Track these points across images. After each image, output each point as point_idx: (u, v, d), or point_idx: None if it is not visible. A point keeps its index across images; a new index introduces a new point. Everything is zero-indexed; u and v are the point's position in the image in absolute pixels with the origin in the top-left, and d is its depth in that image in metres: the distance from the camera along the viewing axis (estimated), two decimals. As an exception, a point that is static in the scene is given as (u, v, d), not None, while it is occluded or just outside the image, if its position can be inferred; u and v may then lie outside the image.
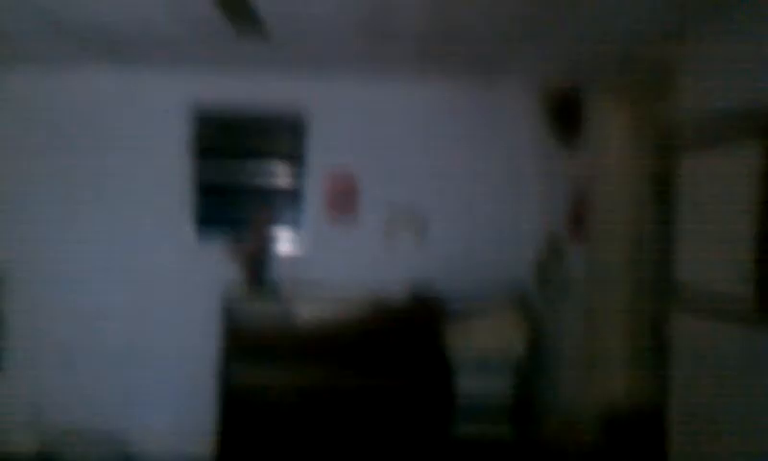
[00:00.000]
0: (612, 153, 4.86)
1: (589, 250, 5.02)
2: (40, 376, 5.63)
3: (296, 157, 5.91)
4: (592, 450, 4.41)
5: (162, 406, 5.78)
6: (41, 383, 5.62)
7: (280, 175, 5.95)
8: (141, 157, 5.76)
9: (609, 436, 4.35)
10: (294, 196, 5.94)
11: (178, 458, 5.38)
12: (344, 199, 5.89)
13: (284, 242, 5.87)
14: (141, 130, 5.76)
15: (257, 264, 5.53)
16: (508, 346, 5.56)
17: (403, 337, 5.47)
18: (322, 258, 5.83)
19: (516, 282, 5.86)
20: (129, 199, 5.76)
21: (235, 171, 5.90)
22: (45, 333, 5.66)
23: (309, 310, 5.38)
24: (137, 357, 5.77)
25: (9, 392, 5.53)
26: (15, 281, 5.51)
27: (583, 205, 5.16)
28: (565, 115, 5.38)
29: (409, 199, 5.93)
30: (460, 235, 5.91)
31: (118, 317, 5.76)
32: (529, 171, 5.97)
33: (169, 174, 5.78)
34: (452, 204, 5.93)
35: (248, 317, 5.35)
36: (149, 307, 5.79)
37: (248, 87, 5.74)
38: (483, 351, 5.57)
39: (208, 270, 5.68)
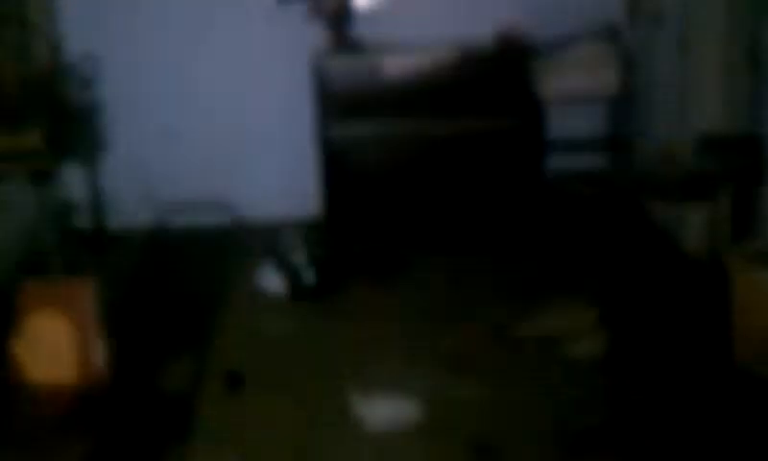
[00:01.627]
0: None
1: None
2: (147, 154, 5.87)
3: None
4: (688, 174, 4.47)
5: (267, 172, 6.02)
6: (148, 160, 5.87)
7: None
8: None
9: (705, 162, 4.39)
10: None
11: (287, 220, 5.65)
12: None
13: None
14: None
15: (340, 21, 5.52)
16: (600, 80, 5.53)
17: (492, 80, 5.49)
18: (403, 13, 5.75)
19: (608, 16, 5.72)
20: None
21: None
22: (147, 113, 5.87)
23: (397, 63, 5.42)
24: (236, 128, 5.96)
25: (118, 170, 5.82)
26: (111, 67, 5.64)
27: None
28: None
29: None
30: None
31: (212, 92, 5.91)
32: None
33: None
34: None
35: (337, 75, 5.43)
36: (240, 78, 5.90)
37: None
38: (575, 87, 5.56)
39: (294, 35, 5.70)
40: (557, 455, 3.25)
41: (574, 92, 5.53)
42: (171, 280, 5.05)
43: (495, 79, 5.46)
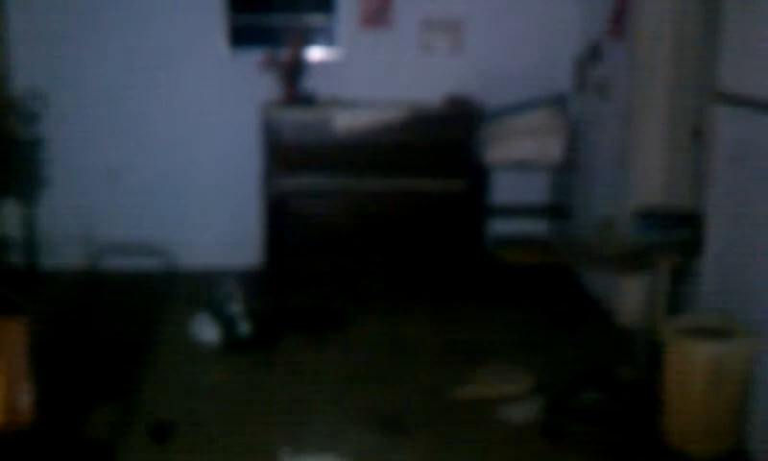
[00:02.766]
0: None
1: (630, 50, 4.94)
2: (87, 194, 5.80)
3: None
4: (627, 246, 4.52)
5: (210, 220, 5.97)
6: (88, 200, 5.80)
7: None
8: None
9: (644, 235, 4.45)
10: (328, 8, 5.85)
11: (227, 269, 5.58)
12: (378, 10, 5.79)
13: (319, 55, 5.84)
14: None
15: (293, 75, 5.53)
16: (546, 148, 5.59)
17: (438, 142, 5.52)
18: (357, 71, 5.82)
19: (555, 86, 5.82)
20: (162, 18, 5.71)
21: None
22: (89, 154, 5.78)
23: (346, 119, 5.42)
24: (181, 174, 5.92)
25: (56, 208, 5.72)
26: (58, 104, 5.57)
27: (624, 4, 5.04)
28: None
29: (444, 9, 5.82)
30: (497, 43, 5.83)
31: (159, 136, 5.86)
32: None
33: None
34: (489, 10, 5.81)
35: (286, 128, 5.42)
36: (188, 125, 5.88)
37: None
38: (521, 154, 5.62)
39: (246, 85, 5.70)
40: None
41: (520, 158, 5.59)
42: (103, 324, 4.93)
43: (441, 141, 5.50)
